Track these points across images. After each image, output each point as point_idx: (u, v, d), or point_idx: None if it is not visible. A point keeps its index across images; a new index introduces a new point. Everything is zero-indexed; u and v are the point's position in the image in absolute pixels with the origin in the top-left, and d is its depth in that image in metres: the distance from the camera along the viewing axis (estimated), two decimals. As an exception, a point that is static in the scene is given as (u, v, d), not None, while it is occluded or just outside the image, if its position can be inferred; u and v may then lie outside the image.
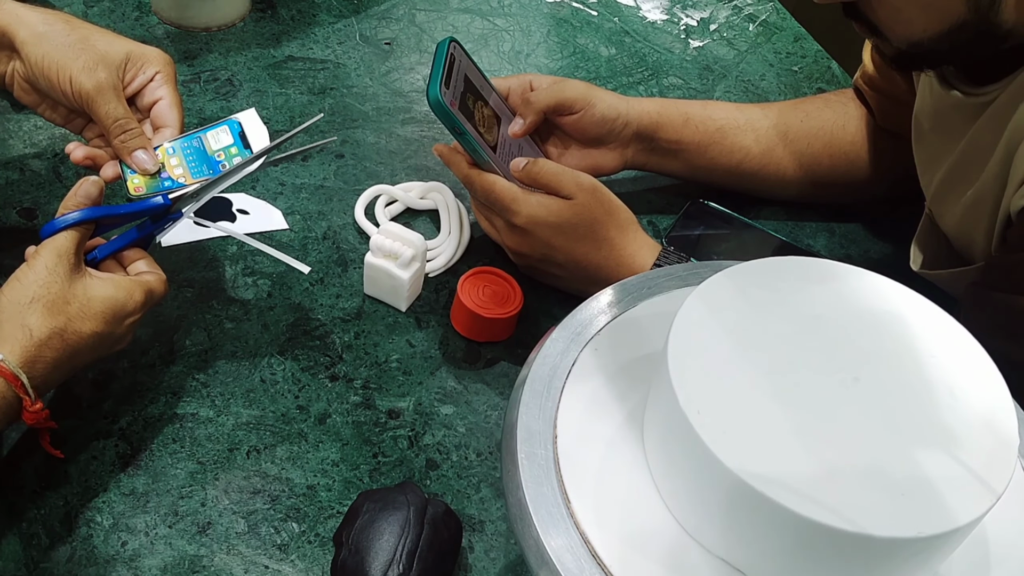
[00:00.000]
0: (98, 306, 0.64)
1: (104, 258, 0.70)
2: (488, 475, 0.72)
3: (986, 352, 0.46)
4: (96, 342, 0.65)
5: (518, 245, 0.79)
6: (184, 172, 0.74)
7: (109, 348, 0.67)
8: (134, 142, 0.73)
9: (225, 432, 0.72)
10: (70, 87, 0.71)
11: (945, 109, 0.75)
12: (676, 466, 0.45)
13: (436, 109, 0.75)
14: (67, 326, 0.63)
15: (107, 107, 0.71)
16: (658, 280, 0.56)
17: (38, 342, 0.61)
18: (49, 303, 0.63)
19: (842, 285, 0.49)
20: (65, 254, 0.65)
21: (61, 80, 0.70)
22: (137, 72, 0.74)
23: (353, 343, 0.79)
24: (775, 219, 0.97)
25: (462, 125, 0.75)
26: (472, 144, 0.76)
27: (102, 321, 0.64)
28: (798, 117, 0.94)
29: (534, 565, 0.44)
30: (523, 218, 0.77)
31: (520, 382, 0.51)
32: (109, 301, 0.65)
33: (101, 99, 0.71)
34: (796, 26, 1.23)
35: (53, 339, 0.62)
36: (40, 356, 0.62)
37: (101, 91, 0.71)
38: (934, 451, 0.42)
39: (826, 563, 0.41)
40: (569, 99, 0.85)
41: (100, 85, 0.71)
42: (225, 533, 0.66)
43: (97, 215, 0.67)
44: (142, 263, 0.70)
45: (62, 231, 0.66)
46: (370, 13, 1.13)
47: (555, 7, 1.20)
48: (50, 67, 0.70)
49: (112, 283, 0.66)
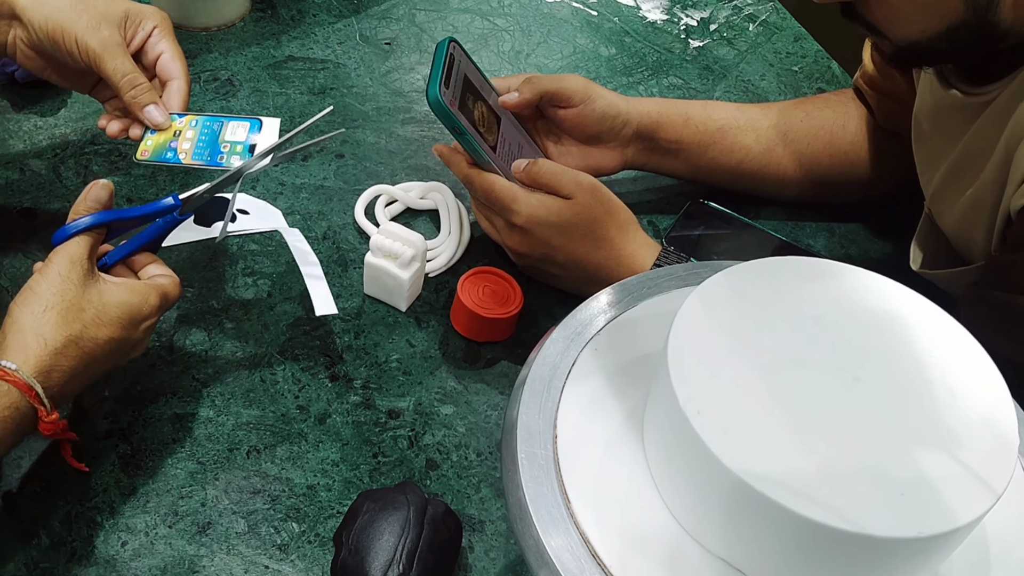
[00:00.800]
0: (114, 311, 0.63)
1: (114, 264, 0.69)
2: (488, 475, 0.72)
3: (986, 352, 0.46)
4: (113, 348, 0.64)
5: (518, 244, 0.79)
6: (188, 150, 0.74)
7: (126, 355, 0.66)
8: (144, 97, 0.73)
9: (225, 432, 0.72)
10: (76, 47, 0.71)
11: (945, 109, 0.75)
12: (676, 466, 0.45)
13: (436, 109, 0.75)
14: (83, 333, 0.62)
15: (114, 63, 0.72)
16: (658, 280, 0.56)
17: (53, 351, 0.60)
18: (64, 311, 0.61)
19: (842, 285, 0.49)
20: (78, 260, 0.64)
21: (67, 41, 0.71)
22: (136, 29, 0.74)
23: (353, 343, 0.79)
24: (775, 219, 0.97)
25: (461, 125, 0.75)
26: (472, 144, 0.76)
27: (118, 327, 0.63)
28: (798, 117, 0.94)
29: (534, 565, 0.44)
30: (523, 218, 0.77)
31: (520, 382, 0.51)
32: (124, 306, 0.64)
33: (108, 56, 0.72)
34: (796, 26, 1.23)
35: (69, 347, 0.61)
36: (56, 365, 0.60)
37: (107, 48, 0.72)
38: (934, 451, 0.42)
39: (826, 563, 0.41)
40: (568, 90, 0.85)
41: (105, 43, 0.72)
42: (225, 533, 0.66)
43: (108, 219, 0.67)
44: (153, 267, 0.70)
45: (74, 236, 0.65)
46: (370, 13, 1.13)
47: (555, 7, 1.20)
48: (54, 30, 0.71)
49: (127, 288, 0.65)
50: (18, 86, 0.94)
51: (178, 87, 0.75)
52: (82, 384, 0.63)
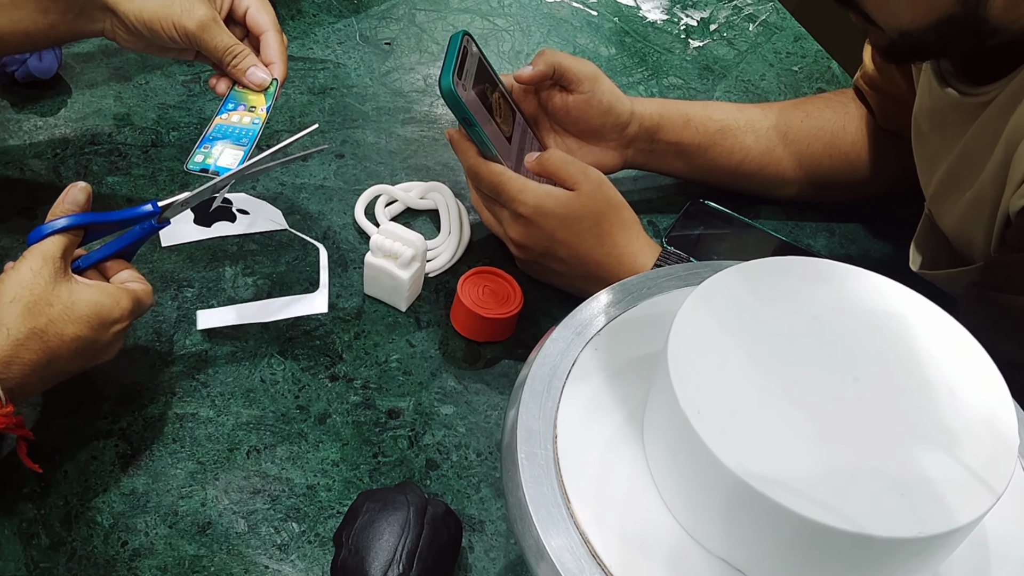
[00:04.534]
0: (83, 309, 0.63)
1: (87, 268, 0.69)
2: (488, 475, 0.72)
3: (986, 352, 0.46)
4: (79, 347, 0.63)
5: (521, 236, 0.79)
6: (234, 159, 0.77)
7: (94, 357, 0.66)
8: (245, 63, 0.79)
9: (225, 432, 0.72)
10: (175, 32, 0.76)
11: (944, 109, 0.75)
12: (676, 466, 0.45)
13: (448, 98, 0.75)
14: (48, 328, 0.61)
15: (215, 41, 0.77)
16: (658, 280, 0.56)
17: (15, 342, 0.60)
18: (30, 303, 0.61)
19: (842, 285, 0.49)
20: (51, 258, 0.64)
21: (165, 28, 0.76)
22: None
23: (353, 343, 0.79)
24: (775, 219, 0.97)
25: (472, 116, 0.76)
26: (481, 135, 0.76)
27: (86, 325, 0.63)
28: (798, 117, 0.94)
29: (534, 565, 0.44)
30: (529, 208, 0.77)
31: (520, 382, 0.51)
32: (94, 305, 0.64)
33: (207, 35, 0.77)
34: (796, 26, 1.24)
35: (32, 340, 0.61)
36: (16, 356, 0.60)
37: (205, 28, 0.77)
38: (934, 451, 0.42)
39: (826, 563, 0.41)
40: (580, 72, 0.85)
41: (203, 23, 0.76)
42: (225, 533, 0.66)
43: (85, 221, 0.67)
44: (126, 273, 0.70)
45: (49, 236, 0.65)
46: (370, 13, 1.13)
47: (555, 7, 1.20)
48: (151, 19, 0.75)
49: (98, 288, 0.65)
50: (18, 86, 0.94)
51: (271, 39, 0.81)
52: (43, 381, 0.63)
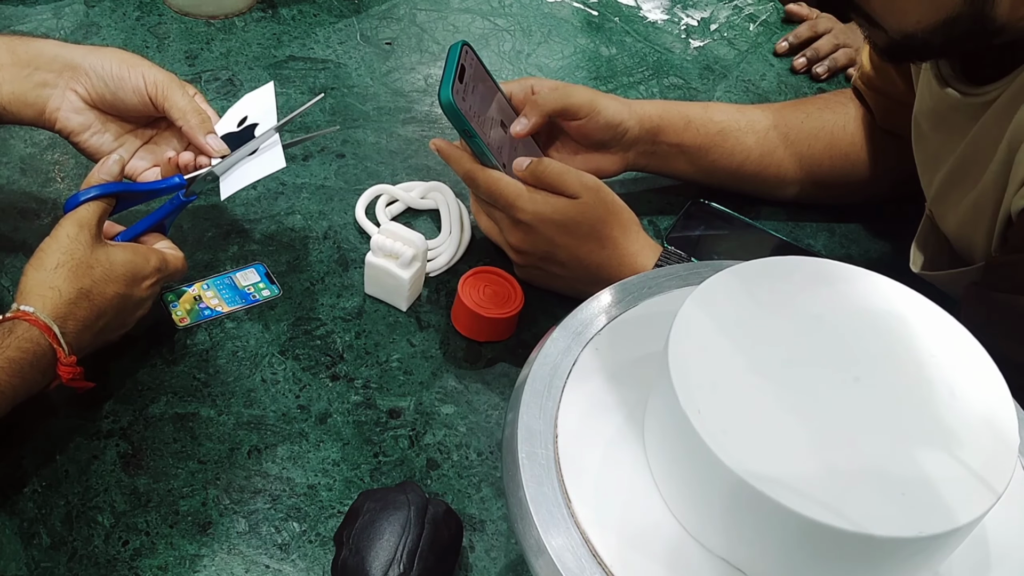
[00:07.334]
0: (120, 269, 0.68)
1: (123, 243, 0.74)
2: (489, 475, 0.72)
3: (986, 352, 0.46)
4: (119, 304, 0.69)
5: (520, 242, 0.79)
6: (220, 302, 0.79)
7: (132, 312, 0.71)
8: (206, 125, 0.78)
9: (226, 432, 0.72)
10: (143, 80, 0.76)
11: (944, 109, 0.75)
12: (677, 466, 0.45)
13: (447, 110, 0.75)
14: (93, 288, 0.67)
15: (181, 90, 0.77)
16: (658, 280, 0.56)
17: (68, 300, 0.65)
18: (74, 267, 0.66)
19: (842, 285, 0.49)
20: (86, 224, 0.68)
21: (133, 76, 0.76)
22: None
23: (354, 343, 0.79)
24: (775, 219, 0.97)
25: (472, 127, 0.75)
26: (480, 146, 0.76)
27: (123, 283, 0.69)
28: (799, 118, 0.94)
29: (535, 564, 0.44)
30: (528, 214, 0.77)
31: (521, 382, 0.51)
32: (129, 264, 0.69)
33: (175, 86, 0.77)
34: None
35: (81, 299, 0.66)
36: (71, 314, 0.65)
37: (173, 80, 0.77)
38: (934, 451, 0.42)
39: (826, 563, 0.41)
40: (575, 105, 0.84)
41: (171, 76, 0.77)
42: (226, 533, 0.66)
43: (116, 189, 0.72)
44: (162, 243, 0.76)
45: (83, 203, 0.69)
46: (371, 13, 1.13)
47: (555, 7, 1.20)
48: (120, 67, 0.76)
49: (131, 249, 0.71)
50: (19, 86, 0.94)
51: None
52: (94, 338, 0.68)
